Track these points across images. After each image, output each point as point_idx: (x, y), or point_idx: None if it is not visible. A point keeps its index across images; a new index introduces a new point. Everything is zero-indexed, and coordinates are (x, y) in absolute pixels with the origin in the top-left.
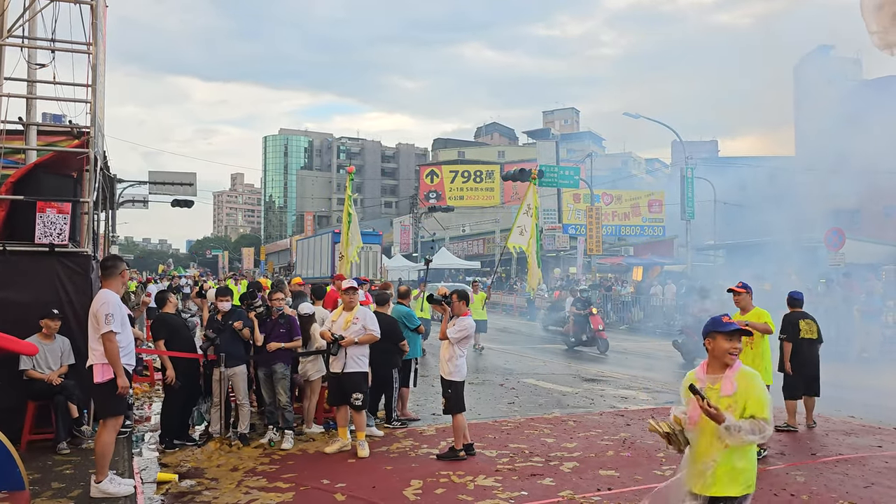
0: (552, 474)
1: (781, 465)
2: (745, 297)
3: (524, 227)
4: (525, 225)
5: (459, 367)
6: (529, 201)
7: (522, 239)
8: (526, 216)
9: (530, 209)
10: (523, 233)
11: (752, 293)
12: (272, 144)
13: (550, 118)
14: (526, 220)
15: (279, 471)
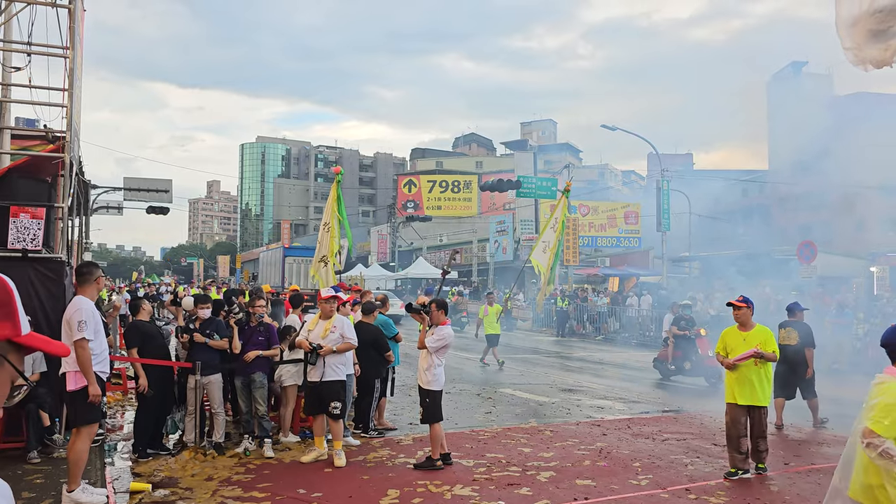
0: (529, 484)
1: (754, 474)
2: (745, 311)
3: (548, 244)
4: (549, 241)
5: (437, 377)
6: (558, 215)
7: (544, 258)
8: (552, 231)
9: (557, 223)
10: (546, 250)
11: (753, 308)
12: (249, 152)
13: (528, 129)
14: (551, 236)
15: (255, 480)
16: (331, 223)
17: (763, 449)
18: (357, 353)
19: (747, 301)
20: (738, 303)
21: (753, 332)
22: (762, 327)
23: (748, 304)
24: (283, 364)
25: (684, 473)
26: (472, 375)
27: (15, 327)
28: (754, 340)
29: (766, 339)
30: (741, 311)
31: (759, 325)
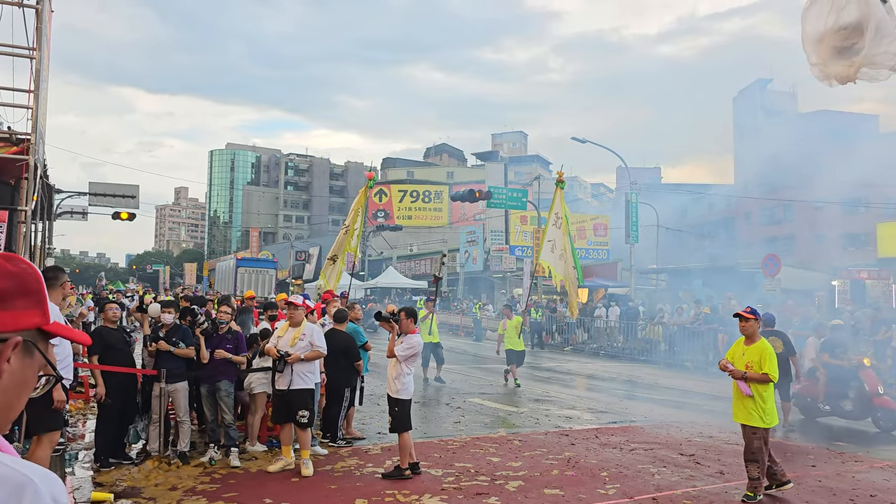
0: (497, 493)
1: (720, 483)
2: (752, 324)
3: (555, 243)
4: (556, 239)
5: (406, 386)
6: (557, 210)
7: (553, 257)
8: (555, 228)
9: (559, 220)
10: (554, 248)
11: (760, 320)
12: (218, 159)
13: (499, 140)
14: (556, 234)
15: (220, 490)
16: (351, 226)
17: (754, 476)
18: (327, 362)
19: (755, 313)
20: (746, 314)
21: (752, 348)
22: (764, 344)
23: (756, 317)
24: (252, 372)
25: (651, 483)
26: (441, 385)
27: (44, 315)
28: (749, 357)
29: (761, 356)
30: (748, 323)
31: (761, 341)
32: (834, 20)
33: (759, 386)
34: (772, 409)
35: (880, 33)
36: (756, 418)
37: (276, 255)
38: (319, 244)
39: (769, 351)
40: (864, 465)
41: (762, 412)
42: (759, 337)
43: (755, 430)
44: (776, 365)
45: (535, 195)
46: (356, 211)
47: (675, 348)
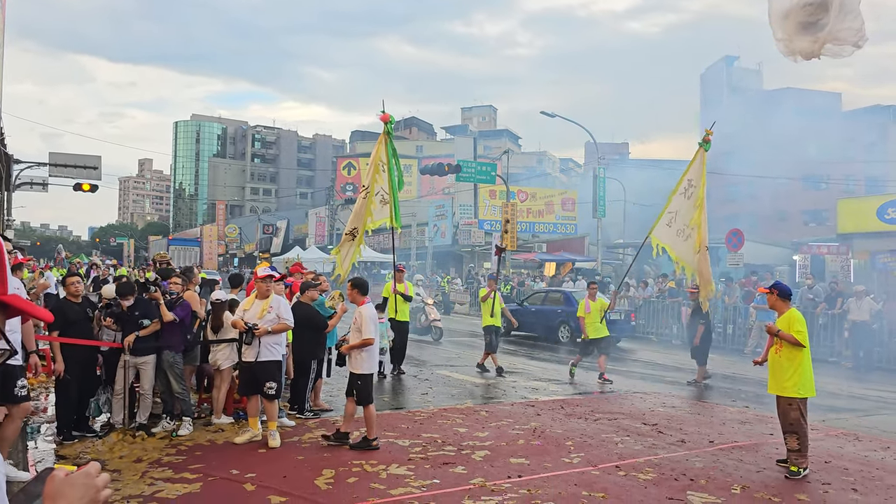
0: (464, 463)
1: (681, 451)
2: (769, 297)
3: (676, 216)
4: (679, 211)
5: (367, 360)
6: (692, 176)
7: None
8: (682, 198)
9: (691, 188)
10: (673, 222)
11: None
12: (184, 130)
13: (468, 115)
14: (681, 205)
15: (186, 461)
16: (371, 186)
17: (793, 447)
18: (293, 334)
19: (772, 287)
20: (763, 289)
21: (781, 319)
22: (792, 313)
23: (770, 291)
24: (214, 343)
25: (615, 451)
26: (409, 357)
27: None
28: (779, 325)
29: (789, 323)
30: (768, 298)
31: (790, 311)
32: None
33: (790, 355)
34: (806, 378)
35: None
36: (790, 388)
37: (243, 229)
38: (287, 217)
39: (796, 318)
40: (821, 434)
41: (795, 382)
42: (786, 308)
43: (790, 401)
44: (804, 331)
45: (504, 169)
46: (375, 167)
47: (640, 321)
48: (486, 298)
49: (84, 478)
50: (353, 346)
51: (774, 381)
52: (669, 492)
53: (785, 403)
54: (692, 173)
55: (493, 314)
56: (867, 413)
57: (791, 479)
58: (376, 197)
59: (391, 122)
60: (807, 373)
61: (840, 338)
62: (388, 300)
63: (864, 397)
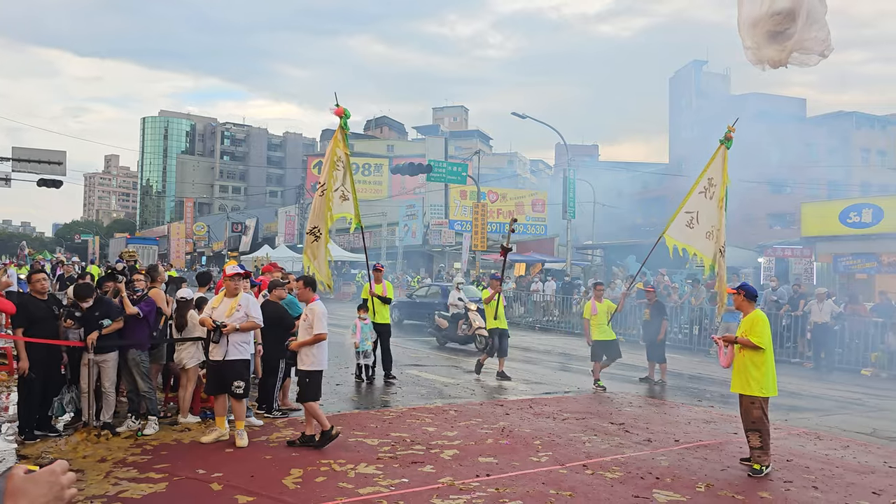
0: (433, 462)
1: (647, 450)
2: (736, 298)
3: (696, 216)
4: (699, 212)
5: (317, 356)
6: (713, 175)
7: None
8: (703, 198)
9: (712, 188)
10: (693, 223)
11: (747, 293)
12: (151, 126)
13: (440, 115)
14: (701, 205)
15: (151, 461)
16: (328, 184)
17: (755, 445)
18: (262, 333)
19: (738, 288)
20: (731, 290)
21: (745, 319)
22: (756, 314)
23: (737, 291)
24: (179, 342)
25: (582, 450)
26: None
27: None
28: (742, 327)
29: (751, 325)
30: (734, 298)
31: (754, 312)
32: (768, 5)
33: (752, 355)
34: (769, 378)
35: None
36: (754, 387)
37: (212, 227)
38: (256, 216)
39: (759, 320)
40: (783, 432)
41: (758, 381)
42: (750, 309)
43: (753, 400)
44: (767, 334)
45: (474, 170)
46: (331, 163)
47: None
48: (490, 300)
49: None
50: (305, 342)
51: (738, 380)
52: (636, 490)
53: (748, 402)
54: (712, 171)
55: (497, 316)
56: (828, 413)
57: (754, 477)
58: (335, 193)
59: (346, 116)
60: (770, 373)
61: (802, 339)
62: (367, 301)
63: (824, 397)
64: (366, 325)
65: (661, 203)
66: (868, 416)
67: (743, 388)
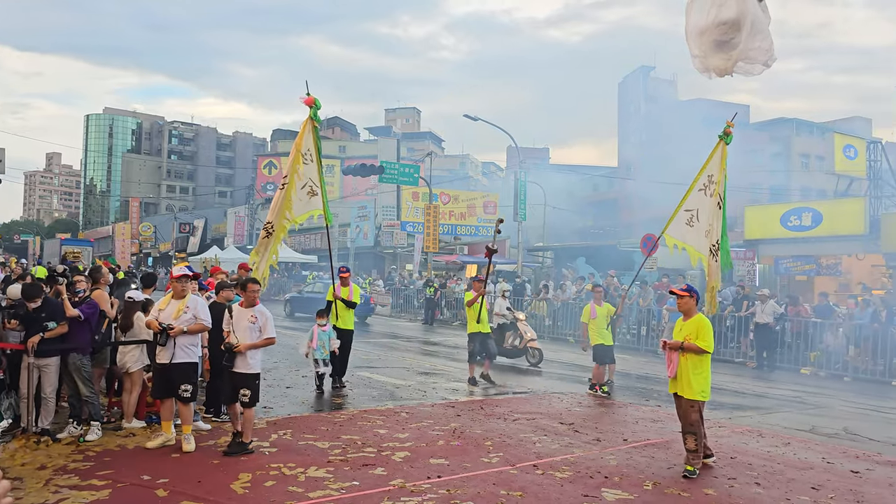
0: (384, 464)
1: (596, 450)
2: (686, 300)
3: (696, 214)
4: (699, 209)
5: (259, 360)
6: (712, 171)
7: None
8: (703, 195)
9: (712, 185)
10: (694, 220)
11: (697, 297)
12: (95, 124)
13: (392, 116)
14: (701, 202)
15: (94, 468)
16: (290, 176)
17: (690, 447)
18: (210, 335)
19: (690, 290)
20: (680, 292)
21: (689, 323)
22: (700, 317)
23: (690, 294)
24: (123, 345)
25: (532, 451)
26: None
27: None
28: (687, 331)
29: (698, 329)
30: (683, 300)
31: (698, 316)
32: (715, 15)
33: (696, 359)
34: (708, 382)
35: (755, 29)
36: (696, 391)
37: (158, 227)
38: (205, 216)
39: (705, 324)
40: (727, 430)
41: (700, 385)
42: (695, 312)
43: (693, 403)
44: (712, 337)
45: (427, 171)
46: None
47: (558, 323)
48: (473, 303)
49: None
50: (256, 345)
51: (681, 384)
52: (585, 489)
53: (688, 405)
54: (711, 168)
55: (480, 320)
56: (770, 411)
57: (689, 479)
58: (303, 189)
59: (317, 106)
60: (709, 377)
61: (745, 339)
62: (331, 305)
63: (766, 396)
64: (324, 332)
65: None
66: (808, 414)
67: (684, 391)
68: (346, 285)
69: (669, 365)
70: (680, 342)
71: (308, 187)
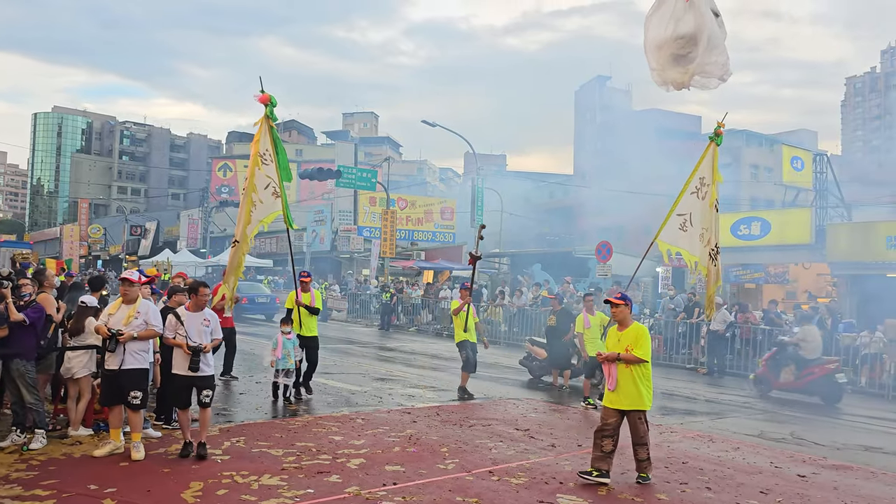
0: (339, 471)
1: (552, 455)
2: (622, 309)
3: (689, 218)
4: (692, 213)
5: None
6: (704, 174)
7: (686, 238)
8: (695, 198)
9: (704, 187)
10: (687, 225)
11: (631, 305)
12: (44, 123)
13: (350, 120)
14: (694, 206)
15: (38, 477)
16: (249, 182)
17: (643, 458)
18: (162, 341)
19: (625, 298)
20: (616, 300)
21: (627, 333)
22: (637, 326)
23: (626, 302)
24: (70, 351)
25: (488, 457)
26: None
27: None
28: (626, 341)
29: (636, 338)
30: (618, 308)
31: (634, 324)
32: (673, 29)
33: (642, 369)
34: (651, 390)
35: (711, 44)
36: (646, 401)
37: (109, 229)
38: (157, 219)
39: (643, 332)
40: (679, 436)
41: (648, 395)
42: (630, 321)
43: (641, 414)
44: (649, 346)
45: (384, 176)
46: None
47: (514, 329)
48: (459, 311)
49: None
50: (215, 345)
51: (628, 396)
52: (540, 495)
53: (636, 417)
54: (703, 170)
55: (467, 328)
56: (720, 416)
57: (642, 485)
58: (267, 190)
59: (272, 103)
60: (651, 383)
61: (697, 346)
62: (292, 312)
63: (717, 401)
64: (289, 340)
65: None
66: (756, 419)
67: (634, 403)
68: (307, 291)
69: (609, 378)
70: (617, 354)
71: (272, 188)
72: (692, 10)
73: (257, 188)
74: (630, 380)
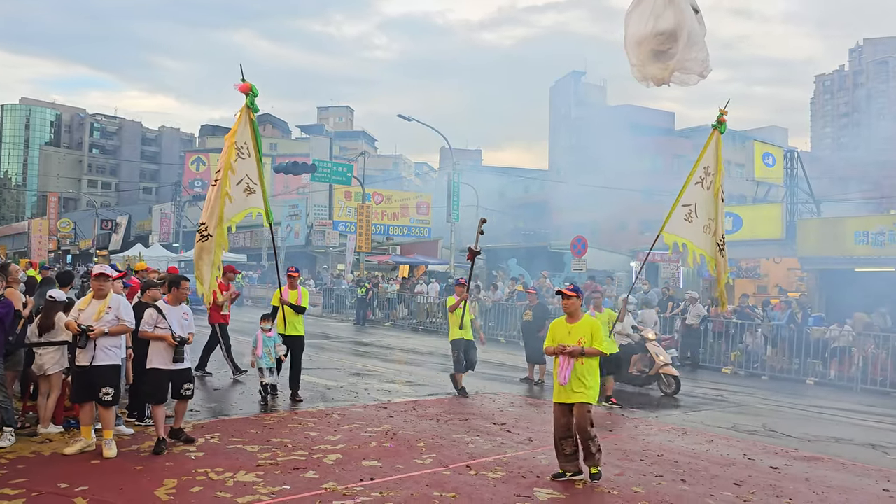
0: (315, 467)
1: (528, 449)
2: (573, 301)
3: (694, 209)
4: (697, 203)
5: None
6: (708, 163)
7: (691, 229)
8: (700, 188)
9: (708, 177)
10: (692, 216)
11: (583, 298)
12: (11, 114)
13: (325, 114)
14: (699, 196)
15: (6, 476)
16: (223, 174)
17: (594, 451)
18: (134, 336)
19: (577, 291)
20: (569, 292)
21: (579, 325)
22: (589, 318)
23: (578, 294)
24: (40, 347)
25: (465, 451)
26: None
27: None
28: (579, 333)
29: (592, 332)
30: (570, 300)
31: (586, 316)
32: (653, 25)
33: (591, 362)
34: (595, 383)
35: (691, 41)
36: (591, 395)
37: (78, 223)
38: (128, 213)
39: (598, 326)
40: (654, 429)
41: (595, 387)
42: (581, 314)
43: (589, 408)
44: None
45: (360, 171)
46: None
47: (489, 323)
48: (455, 308)
49: None
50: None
51: (577, 391)
52: (517, 489)
53: (584, 410)
54: (707, 159)
55: (463, 326)
56: (694, 409)
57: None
58: (239, 186)
59: (253, 93)
60: (599, 376)
61: (670, 339)
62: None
63: (690, 395)
64: (269, 337)
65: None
66: (729, 412)
67: (585, 395)
68: (294, 288)
69: (562, 372)
70: (581, 348)
71: (244, 184)
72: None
73: (230, 182)
74: (580, 374)
